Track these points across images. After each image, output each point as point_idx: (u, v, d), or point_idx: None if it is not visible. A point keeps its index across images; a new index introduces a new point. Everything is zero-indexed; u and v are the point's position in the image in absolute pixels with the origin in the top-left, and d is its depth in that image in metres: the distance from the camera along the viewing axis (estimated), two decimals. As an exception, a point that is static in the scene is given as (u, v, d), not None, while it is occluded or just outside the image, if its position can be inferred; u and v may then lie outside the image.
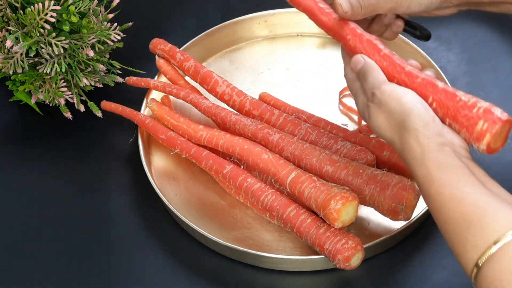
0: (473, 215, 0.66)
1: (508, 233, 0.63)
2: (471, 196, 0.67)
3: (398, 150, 0.75)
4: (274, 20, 1.18)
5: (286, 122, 0.99)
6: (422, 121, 0.72)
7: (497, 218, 0.65)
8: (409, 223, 0.90)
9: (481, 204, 0.66)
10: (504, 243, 0.63)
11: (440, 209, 0.69)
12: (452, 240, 0.68)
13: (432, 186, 0.69)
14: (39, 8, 0.96)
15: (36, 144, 1.08)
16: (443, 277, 0.89)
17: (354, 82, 0.81)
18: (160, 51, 1.09)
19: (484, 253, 0.64)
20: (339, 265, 0.86)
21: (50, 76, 1.02)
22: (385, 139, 0.77)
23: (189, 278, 0.92)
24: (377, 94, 0.76)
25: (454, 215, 0.67)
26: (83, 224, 0.98)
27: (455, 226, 0.67)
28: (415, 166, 0.72)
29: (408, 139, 0.72)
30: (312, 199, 0.87)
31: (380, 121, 0.76)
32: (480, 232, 0.65)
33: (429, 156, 0.70)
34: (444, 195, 0.68)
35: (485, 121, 0.71)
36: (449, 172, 0.69)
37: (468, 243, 0.65)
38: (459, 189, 0.68)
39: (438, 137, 0.71)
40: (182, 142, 1.00)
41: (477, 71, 1.13)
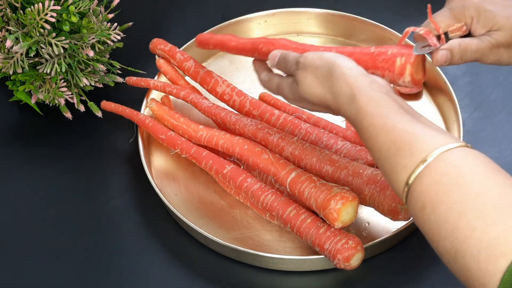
0: (402, 140, 0.71)
1: (433, 152, 0.68)
2: (400, 124, 0.72)
3: (331, 101, 0.79)
4: (274, 20, 1.18)
5: (286, 122, 0.99)
6: (346, 66, 0.78)
7: (424, 140, 0.70)
8: (409, 223, 0.90)
9: (410, 130, 0.71)
10: (430, 160, 0.68)
11: (372, 138, 0.73)
12: (385, 166, 0.72)
13: (364, 118, 0.74)
14: (39, 8, 0.96)
15: (36, 144, 1.08)
16: (443, 277, 0.89)
17: (271, 80, 0.87)
18: (160, 51, 1.09)
19: (413, 172, 0.69)
20: (339, 265, 0.86)
21: (50, 76, 1.02)
22: (318, 97, 0.80)
23: (189, 278, 0.92)
24: (301, 60, 0.82)
25: (386, 142, 0.72)
26: (83, 224, 0.98)
27: (387, 152, 0.72)
28: (347, 106, 0.76)
29: (337, 85, 0.77)
30: (312, 199, 0.87)
31: (309, 80, 0.80)
32: (409, 154, 0.69)
33: (359, 93, 0.75)
34: (376, 125, 0.73)
35: (402, 56, 0.81)
36: (379, 105, 0.74)
37: (399, 165, 0.70)
38: (389, 118, 0.73)
39: (364, 76, 0.77)
40: (182, 142, 1.00)
41: (477, 71, 1.13)
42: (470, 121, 1.06)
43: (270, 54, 0.88)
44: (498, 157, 1.01)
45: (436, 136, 0.70)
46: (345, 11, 1.17)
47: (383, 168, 0.73)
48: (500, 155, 1.02)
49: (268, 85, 0.88)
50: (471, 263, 0.63)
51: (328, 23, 1.17)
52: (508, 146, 1.03)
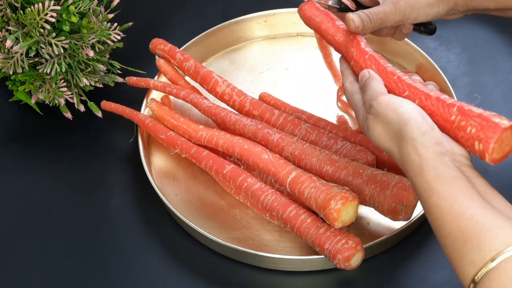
0: (470, 230, 0.65)
1: (505, 250, 0.63)
2: (469, 210, 0.66)
3: (397, 160, 0.74)
4: (274, 20, 1.18)
5: (286, 122, 0.99)
6: (419, 130, 0.71)
7: (495, 234, 0.64)
8: (409, 223, 0.90)
9: (479, 219, 0.65)
10: (501, 260, 0.63)
11: (438, 221, 0.68)
12: (450, 254, 0.67)
13: (430, 197, 0.68)
14: (39, 8, 0.96)
15: (36, 144, 1.08)
16: (443, 277, 0.89)
17: (353, 95, 0.80)
18: (160, 51, 1.09)
19: (480, 270, 0.63)
20: (339, 265, 0.86)
21: (50, 76, 1.02)
22: (384, 150, 0.76)
23: (189, 278, 0.92)
24: (374, 105, 0.75)
25: (452, 229, 0.66)
26: (83, 224, 0.98)
27: (453, 240, 0.66)
28: (414, 177, 0.71)
29: (406, 149, 0.71)
30: (312, 199, 0.87)
31: (378, 132, 0.75)
32: (477, 248, 0.64)
33: (427, 166, 0.69)
34: (442, 207, 0.67)
35: (480, 141, 0.69)
36: (447, 184, 0.68)
37: (465, 259, 0.65)
38: (457, 202, 0.67)
39: (436, 146, 0.70)
40: (182, 142, 1.00)
41: (477, 71, 1.13)
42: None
43: (362, 72, 0.80)
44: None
45: (509, 229, 0.64)
46: (345, 11, 1.17)
47: (448, 255, 0.67)
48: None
49: (348, 98, 0.82)
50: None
51: (328, 23, 1.17)
52: (508, 146, 1.03)
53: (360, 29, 0.82)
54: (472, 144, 0.70)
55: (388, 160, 0.95)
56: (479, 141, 0.69)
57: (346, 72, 0.83)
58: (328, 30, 0.86)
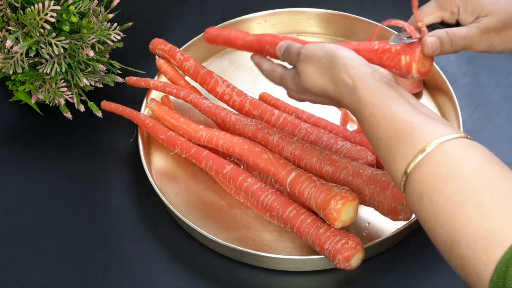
0: (403, 129, 0.71)
1: (432, 142, 0.68)
2: (401, 114, 0.72)
3: (332, 92, 0.78)
4: (274, 20, 1.18)
5: (286, 122, 0.99)
6: (348, 56, 0.77)
7: (424, 130, 0.70)
8: (409, 223, 0.90)
9: (410, 119, 0.71)
10: (429, 150, 0.68)
11: (373, 128, 0.74)
12: (384, 155, 0.73)
13: (366, 108, 0.74)
14: (39, 8, 0.96)
15: (36, 144, 1.08)
16: (443, 277, 0.89)
17: (274, 70, 0.86)
18: (160, 51, 1.09)
19: (411, 161, 0.69)
20: (339, 265, 0.86)
21: (50, 76, 1.02)
22: (319, 88, 0.79)
23: (189, 278, 0.92)
24: (302, 52, 0.81)
25: (386, 131, 0.72)
26: (83, 224, 0.98)
27: (387, 141, 0.72)
28: (348, 96, 0.76)
29: (339, 76, 0.77)
30: (312, 199, 0.87)
31: (310, 72, 0.79)
32: (408, 144, 0.70)
33: (360, 84, 0.75)
34: (377, 115, 0.73)
35: (406, 54, 0.78)
36: (380, 95, 0.74)
37: (398, 154, 0.71)
38: (390, 108, 0.73)
39: (366, 66, 0.77)
40: (182, 142, 1.00)
41: (477, 71, 1.13)
42: (470, 121, 1.06)
43: (279, 44, 0.86)
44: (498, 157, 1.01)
45: (436, 127, 0.70)
46: (345, 11, 1.17)
47: (382, 157, 0.73)
48: (500, 155, 1.01)
49: (271, 75, 0.87)
50: (466, 252, 0.64)
51: (328, 23, 1.17)
52: (508, 146, 1.03)
53: (437, 53, 0.80)
54: (399, 60, 0.79)
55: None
56: (405, 54, 0.78)
57: (260, 62, 0.88)
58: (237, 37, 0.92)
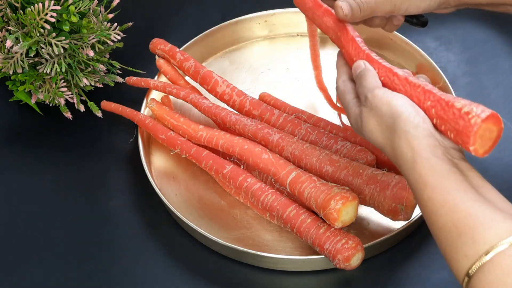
0: (464, 223, 0.65)
1: (499, 244, 0.63)
2: (463, 204, 0.66)
3: (390, 155, 0.74)
4: (274, 20, 1.18)
5: (286, 122, 0.99)
6: (412, 123, 0.70)
7: (489, 227, 0.64)
8: (409, 223, 0.90)
9: (473, 212, 0.65)
10: (495, 253, 0.63)
11: (432, 215, 0.68)
12: (444, 248, 0.67)
13: (424, 191, 0.68)
14: (39, 8, 0.96)
15: (36, 144, 1.08)
16: (443, 277, 0.89)
17: (345, 94, 0.80)
18: (160, 51, 1.09)
19: (474, 263, 0.63)
20: (339, 265, 0.86)
21: (50, 76, 1.02)
22: (378, 146, 0.75)
23: (189, 278, 0.92)
24: (369, 98, 0.75)
25: (446, 222, 0.66)
26: (83, 224, 0.98)
27: (447, 234, 0.66)
28: (407, 171, 0.70)
29: (399, 143, 0.71)
30: (312, 199, 0.87)
31: (372, 125, 0.75)
32: (471, 242, 0.64)
33: (420, 159, 0.69)
34: (435, 201, 0.67)
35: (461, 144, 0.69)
36: (441, 177, 0.68)
37: (459, 252, 0.65)
38: (451, 195, 0.66)
39: (429, 139, 0.70)
40: (182, 142, 1.00)
41: (477, 71, 1.13)
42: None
43: (356, 63, 0.79)
44: (498, 157, 1.01)
45: (502, 223, 0.64)
46: (345, 11, 1.17)
47: (442, 250, 0.68)
48: (500, 155, 1.02)
49: (340, 96, 0.81)
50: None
51: (328, 23, 1.17)
52: (508, 146, 1.03)
53: (349, 17, 0.81)
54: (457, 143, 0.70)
55: (388, 160, 0.95)
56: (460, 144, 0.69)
57: (341, 70, 0.82)
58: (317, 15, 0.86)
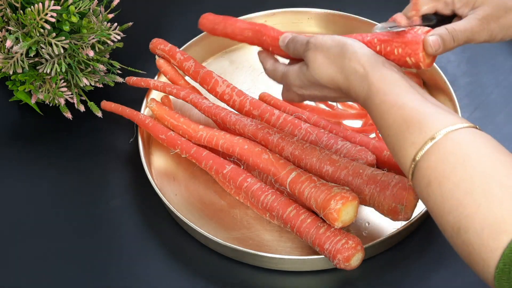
0: (413, 117, 0.72)
1: (442, 130, 0.70)
2: (412, 103, 0.73)
3: (342, 82, 0.79)
4: (274, 20, 1.18)
5: (286, 122, 0.99)
6: (358, 45, 0.78)
7: (434, 119, 0.71)
8: (409, 223, 0.90)
9: (420, 108, 0.73)
10: (438, 138, 0.69)
11: (383, 115, 0.75)
12: (393, 142, 0.74)
13: (376, 96, 0.75)
14: (39, 8, 0.96)
15: (36, 144, 1.08)
16: (443, 277, 0.89)
17: (277, 69, 0.86)
18: (160, 51, 1.09)
19: (421, 148, 0.70)
20: (339, 265, 0.86)
21: (50, 76, 1.02)
22: (329, 78, 0.79)
23: (189, 278, 0.92)
24: (311, 41, 0.81)
25: (396, 118, 0.73)
26: (83, 224, 0.98)
27: (397, 128, 0.73)
28: (359, 84, 0.77)
29: (349, 64, 0.77)
30: (312, 199, 0.87)
31: (320, 61, 0.79)
32: (418, 131, 0.71)
33: (372, 71, 0.76)
34: (387, 102, 0.74)
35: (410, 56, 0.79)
36: (391, 83, 0.75)
37: (407, 142, 0.72)
38: (401, 96, 0.74)
39: (376, 56, 0.78)
40: (182, 142, 1.00)
41: (477, 71, 1.13)
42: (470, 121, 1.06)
43: (282, 35, 0.86)
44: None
45: (445, 116, 0.72)
46: (345, 11, 1.17)
47: (391, 145, 0.74)
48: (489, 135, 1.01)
49: (273, 74, 0.87)
50: (474, 238, 0.65)
51: (328, 23, 1.17)
52: (508, 146, 1.02)
53: (440, 52, 0.80)
54: (405, 61, 0.79)
55: (388, 160, 0.95)
56: (409, 56, 0.79)
57: (266, 59, 0.89)
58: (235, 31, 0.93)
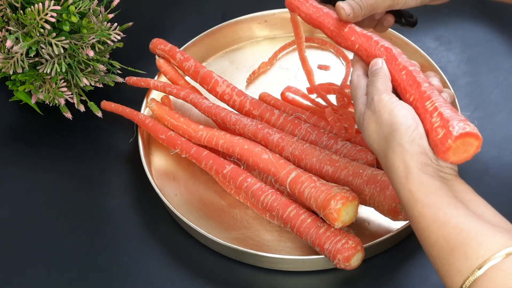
0: (456, 239, 0.65)
1: (491, 258, 0.63)
2: (454, 219, 0.66)
3: (383, 164, 0.74)
4: (274, 20, 1.18)
5: (286, 122, 0.99)
6: (408, 137, 0.70)
7: (481, 242, 0.64)
8: (409, 223, 0.90)
9: (464, 227, 0.65)
10: (487, 268, 0.63)
11: (423, 231, 0.68)
12: (437, 264, 0.67)
13: (415, 207, 0.69)
14: (39, 8, 0.96)
15: (36, 144, 1.08)
16: (443, 277, 0.89)
17: (357, 89, 0.79)
18: (160, 51, 1.09)
19: (468, 278, 0.64)
20: (339, 265, 0.86)
21: (50, 76, 1.02)
22: (373, 150, 0.75)
23: (189, 278, 0.92)
24: (375, 100, 0.74)
25: (438, 238, 0.66)
26: (83, 224, 0.98)
27: (439, 249, 0.66)
28: (398, 184, 0.71)
29: (392, 155, 0.71)
30: (312, 199, 0.87)
31: (371, 130, 0.74)
32: (463, 257, 0.64)
33: (411, 175, 0.69)
34: (426, 217, 0.68)
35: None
36: (431, 193, 0.68)
37: (452, 268, 0.65)
38: (441, 211, 0.67)
39: (421, 156, 0.70)
40: (182, 142, 1.00)
41: (477, 71, 1.13)
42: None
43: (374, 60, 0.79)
44: (498, 157, 1.01)
45: (494, 237, 0.64)
46: (345, 11, 1.17)
47: (435, 265, 0.68)
48: (500, 155, 1.02)
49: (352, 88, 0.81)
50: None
51: (328, 23, 1.17)
52: (508, 146, 1.03)
53: (351, 17, 0.82)
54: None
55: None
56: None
57: (357, 65, 0.82)
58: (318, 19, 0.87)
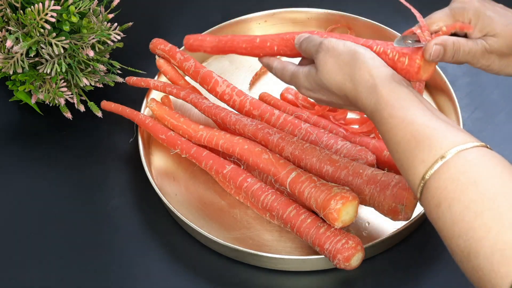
0: (422, 134, 0.71)
1: (453, 149, 0.68)
2: (421, 119, 0.72)
3: (350, 89, 0.78)
4: (274, 20, 1.18)
5: (286, 122, 0.99)
6: (369, 56, 0.77)
7: (445, 136, 0.70)
8: (409, 223, 0.90)
9: (430, 124, 0.71)
10: (449, 157, 0.68)
11: (392, 130, 0.73)
12: (401, 159, 0.72)
13: (385, 109, 0.74)
14: (39, 8, 0.96)
15: (36, 144, 1.08)
16: (443, 277, 0.89)
17: (285, 68, 0.85)
18: (160, 51, 1.09)
19: (430, 167, 0.69)
20: (339, 265, 0.86)
21: (50, 76, 1.02)
22: (337, 85, 0.79)
23: (189, 278, 0.92)
24: (325, 42, 0.80)
25: (405, 134, 0.72)
26: (83, 224, 0.98)
27: (405, 144, 0.72)
28: (367, 95, 0.76)
29: (359, 73, 0.77)
30: (312, 199, 0.87)
31: (330, 65, 0.79)
32: (428, 149, 0.70)
33: (381, 83, 0.75)
34: (396, 117, 0.73)
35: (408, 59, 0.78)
36: (400, 98, 0.74)
37: (416, 159, 0.70)
38: (410, 111, 0.73)
39: (385, 68, 0.77)
40: (182, 142, 1.00)
41: (477, 71, 1.11)
42: (470, 121, 1.06)
43: (298, 35, 0.85)
44: (498, 157, 1.01)
45: (456, 134, 0.70)
46: (345, 11, 1.17)
47: (399, 161, 0.73)
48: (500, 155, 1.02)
49: (282, 73, 0.86)
50: (484, 263, 0.63)
51: (328, 23, 1.17)
52: (508, 146, 1.03)
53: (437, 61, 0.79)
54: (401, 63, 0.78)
55: (388, 160, 0.95)
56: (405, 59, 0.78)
57: (270, 60, 0.88)
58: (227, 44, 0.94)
